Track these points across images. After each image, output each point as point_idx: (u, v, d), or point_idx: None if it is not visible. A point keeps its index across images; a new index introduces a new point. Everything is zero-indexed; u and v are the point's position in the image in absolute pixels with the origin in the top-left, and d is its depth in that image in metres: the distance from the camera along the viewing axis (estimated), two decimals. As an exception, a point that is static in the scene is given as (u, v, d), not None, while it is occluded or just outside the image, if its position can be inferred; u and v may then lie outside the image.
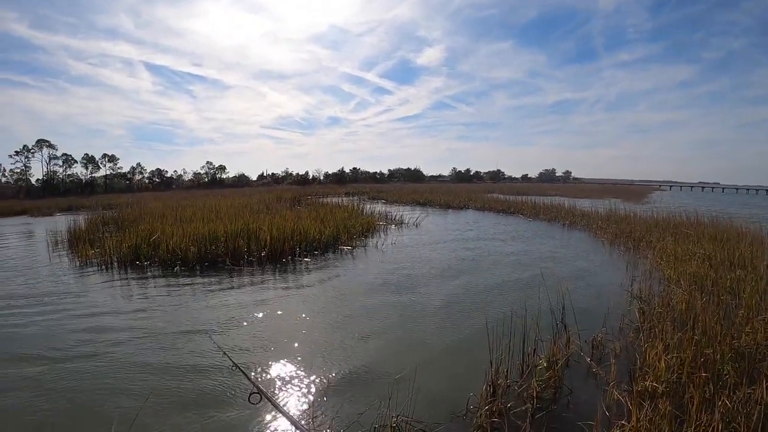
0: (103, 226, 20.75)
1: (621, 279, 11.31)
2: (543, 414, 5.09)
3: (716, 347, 5.71)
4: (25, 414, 5.39)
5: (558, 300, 7.82)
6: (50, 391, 5.91)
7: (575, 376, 6.10)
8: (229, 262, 14.02)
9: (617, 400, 5.02)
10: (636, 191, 72.98)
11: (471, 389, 5.50)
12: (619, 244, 17.16)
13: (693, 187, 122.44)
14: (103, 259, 14.53)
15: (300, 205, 30.26)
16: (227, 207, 24.67)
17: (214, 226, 16.31)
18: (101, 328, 8.39)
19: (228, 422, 5.11)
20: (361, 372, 6.40)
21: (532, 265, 13.77)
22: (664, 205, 31.15)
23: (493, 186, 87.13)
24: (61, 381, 6.21)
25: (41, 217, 36.16)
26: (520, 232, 22.38)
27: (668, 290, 9.10)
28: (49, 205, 45.72)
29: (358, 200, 35.81)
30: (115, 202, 40.65)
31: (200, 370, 6.46)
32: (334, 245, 17.17)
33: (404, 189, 63.25)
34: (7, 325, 8.67)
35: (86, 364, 6.74)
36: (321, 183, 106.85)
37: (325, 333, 8.04)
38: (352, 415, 5.11)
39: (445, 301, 10.00)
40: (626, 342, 6.97)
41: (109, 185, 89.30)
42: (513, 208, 33.11)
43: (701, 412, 4.39)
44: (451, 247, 17.42)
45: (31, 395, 5.84)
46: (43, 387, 6.03)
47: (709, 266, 10.63)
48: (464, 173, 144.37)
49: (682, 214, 21.48)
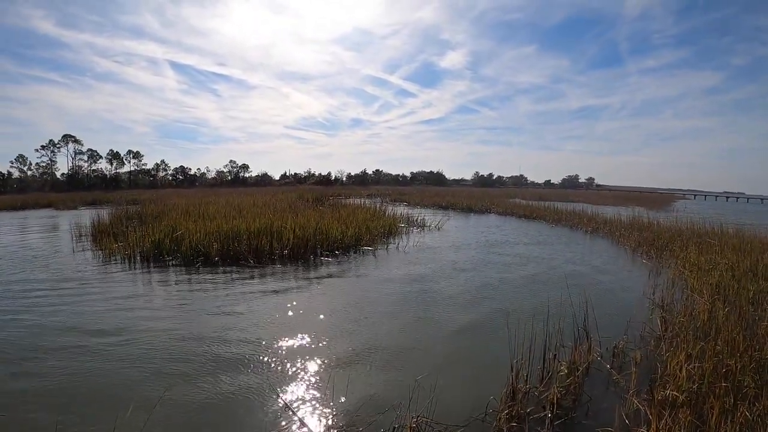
0: (127, 220, 21.07)
1: (643, 287, 11.23)
2: (562, 420, 5.10)
3: (737, 358, 5.69)
4: (45, 397, 5.59)
5: (580, 306, 7.80)
6: (71, 377, 6.12)
7: (595, 383, 6.11)
8: (252, 260, 14.17)
9: (637, 408, 5.04)
10: (659, 199, 71.95)
11: (490, 392, 5.54)
12: (641, 252, 17.01)
13: (717, 197, 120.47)
14: (126, 253, 14.84)
15: (322, 206, 30.43)
16: (250, 205, 24.94)
17: (237, 223, 16.52)
18: (122, 319, 8.61)
19: (245, 418, 5.21)
20: (381, 372, 6.48)
21: (554, 270, 13.77)
22: (687, 214, 30.64)
23: (515, 191, 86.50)
24: (81, 370, 6.41)
25: (66, 210, 37.00)
26: (542, 237, 22.28)
27: (690, 300, 9.02)
28: (73, 198, 46.86)
29: (380, 202, 35.84)
30: (138, 197, 41.45)
31: (221, 366, 6.59)
32: (356, 246, 17.23)
33: (426, 192, 63.11)
34: (29, 313, 8.94)
35: (107, 354, 6.95)
36: (343, 184, 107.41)
37: (346, 332, 8.12)
38: (371, 415, 5.19)
39: (466, 304, 10.04)
40: (647, 350, 6.94)
41: (133, 181, 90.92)
42: (535, 214, 32.97)
43: (721, 423, 4.40)
44: (473, 251, 17.43)
45: (51, 381, 6.05)
46: (62, 374, 6.22)
47: (732, 276, 10.52)
48: (487, 177, 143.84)
49: (706, 223, 21.22)
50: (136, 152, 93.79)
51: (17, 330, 8.01)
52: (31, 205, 40.94)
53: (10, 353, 6.97)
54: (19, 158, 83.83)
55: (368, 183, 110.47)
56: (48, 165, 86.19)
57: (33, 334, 7.82)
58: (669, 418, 4.45)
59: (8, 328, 8.09)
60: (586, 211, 31.07)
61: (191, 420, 5.15)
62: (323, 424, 5.06)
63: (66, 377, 6.20)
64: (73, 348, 7.21)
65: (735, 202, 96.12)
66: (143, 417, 4.92)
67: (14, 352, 7.03)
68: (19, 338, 7.60)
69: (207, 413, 5.29)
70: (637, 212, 30.29)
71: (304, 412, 5.26)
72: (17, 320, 8.55)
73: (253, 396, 5.71)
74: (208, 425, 5.05)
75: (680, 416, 4.52)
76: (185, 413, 5.27)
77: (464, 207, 40.28)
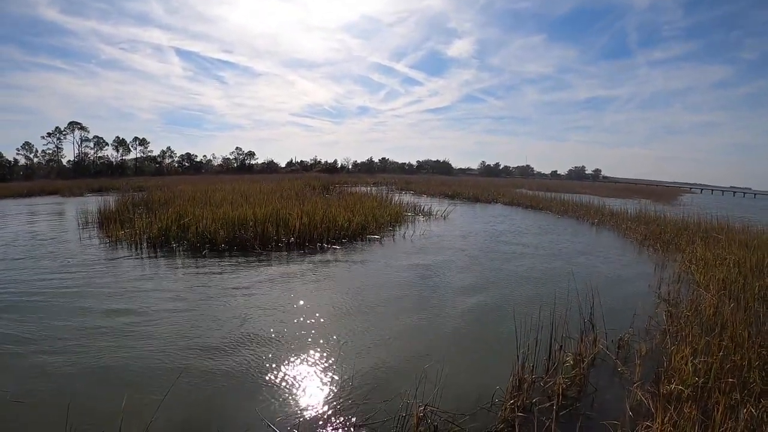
0: (133, 207, 21.13)
1: (649, 280, 11.25)
2: (567, 411, 5.14)
3: (743, 354, 5.71)
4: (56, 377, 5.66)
5: (586, 297, 7.83)
6: (80, 357, 6.20)
7: (601, 375, 6.15)
8: (258, 247, 14.23)
9: (642, 401, 5.07)
10: (666, 192, 71.65)
11: (496, 382, 5.58)
12: (648, 246, 16.98)
13: (724, 192, 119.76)
14: (132, 240, 14.94)
15: (329, 193, 30.41)
16: (256, 192, 24.99)
17: (244, 210, 16.57)
18: (130, 305, 8.69)
19: (251, 403, 5.27)
20: (387, 360, 6.52)
21: (560, 261, 13.78)
22: (694, 208, 30.51)
23: (522, 181, 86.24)
24: (92, 349, 6.50)
25: (72, 197, 37.22)
26: (548, 228, 22.26)
27: (697, 294, 9.02)
28: (79, 185, 47.04)
29: (386, 190, 35.82)
30: (144, 184, 41.50)
31: (227, 351, 6.66)
32: (362, 234, 17.26)
33: (433, 181, 62.97)
34: (40, 295, 9.07)
35: (115, 339, 7.02)
36: (349, 172, 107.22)
37: (352, 320, 8.17)
38: (378, 402, 5.25)
39: (473, 293, 10.07)
40: (653, 344, 6.95)
41: (139, 168, 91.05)
42: (542, 204, 32.89)
43: (726, 419, 4.42)
44: (479, 240, 17.46)
45: (60, 362, 6.15)
46: (71, 353, 6.31)
47: (738, 272, 10.51)
48: (493, 167, 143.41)
49: (712, 218, 21.15)
50: (142, 139, 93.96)
51: (29, 313, 8.12)
52: (38, 192, 41.11)
53: (22, 334, 7.08)
54: (25, 145, 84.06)
55: (375, 171, 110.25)
56: (54, 152, 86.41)
57: (43, 316, 7.93)
58: (674, 412, 4.48)
59: (20, 311, 8.21)
60: (592, 203, 31.01)
61: (199, 401, 5.22)
62: (331, 410, 5.12)
63: (75, 357, 6.32)
64: (83, 329, 7.34)
65: (742, 197, 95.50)
66: (156, 399, 4.98)
67: (26, 332, 7.14)
68: (31, 320, 7.71)
69: (214, 396, 5.37)
70: (643, 205, 30.18)
71: (311, 398, 5.33)
72: (29, 302, 8.72)
73: (259, 381, 5.78)
74: (216, 409, 5.11)
75: (685, 410, 4.54)
76: (194, 395, 5.35)
77: (470, 196, 40.18)
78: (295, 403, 5.27)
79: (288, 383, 5.71)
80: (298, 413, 5.07)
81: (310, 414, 5.05)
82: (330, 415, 5.01)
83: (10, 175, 76.02)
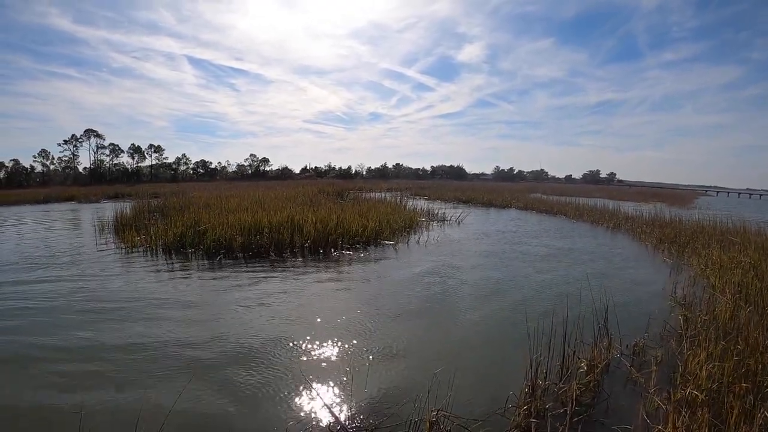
0: (149, 213, 21.44)
1: (664, 285, 11.18)
2: (581, 417, 5.12)
3: (759, 358, 5.68)
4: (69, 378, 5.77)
5: (600, 302, 7.78)
6: (93, 361, 6.33)
7: (615, 381, 6.13)
8: (273, 253, 14.36)
9: (657, 407, 5.06)
10: (681, 196, 70.83)
11: (509, 388, 5.60)
12: (663, 249, 16.83)
13: (740, 194, 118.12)
14: (148, 246, 15.19)
15: (343, 199, 30.52)
16: (271, 199, 25.16)
17: (259, 217, 16.75)
18: (145, 309, 8.87)
19: (267, 408, 5.34)
20: (401, 365, 6.57)
21: (575, 266, 13.73)
22: (711, 211, 30.23)
23: (536, 186, 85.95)
24: (103, 358, 6.61)
25: (88, 204, 37.78)
26: (563, 232, 22.16)
27: (712, 298, 8.95)
28: (95, 192, 47.91)
29: (400, 196, 35.88)
30: (160, 191, 41.97)
31: (244, 355, 6.76)
32: (377, 240, 17.30)
33: (446, 186, 62.95)
34: (53, 303, 9.24)
35: (130, 342, 7.17)
36: (363, 178, 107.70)
37: (366, 325, 8.21)
38: (390, 407, 5.30)
39: (485, 298, 10.11)
40: (668, 349, 6.92)
41: (154, 175, 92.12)
42: (556, 209, 32.68)
43: (740, 424, 4.41)
44: (493, 246, 17.40)
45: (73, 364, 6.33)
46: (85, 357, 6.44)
47: (754, 276, 10.41)
48: (507, 172, 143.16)
49: (728, 221, 20.93)
50: (157, 146, 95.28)
51: (43, 317, 8.36)
52: (54, 198, 41.82)
53: (37, 340, 7.25)
54: (42, 153, 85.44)
55: (388, 177, 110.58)
56: (70, 159, 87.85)
57: (57, 321, 8.14)
58: (687, 417, 4.47)
59: (35, 316, 8.44)
60: (607, 207, 30.81)
61: (213, 407, 5.30)
62: (345, 414, 5.18)
63: (89, 362, 6.48)
64: (97, 334, 7.51)
65: (758, 199, 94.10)
66: (167, 404, 5.05)
67: (41, 337, 7.32)
68: (45, 325, 7.92)
69: (230, 401, 5.45)
70: (659, 209, 29.95)
71: (325, 402, 5.37)
72: (43, 308, 8.89)
73: (275, 386, 5.85)
74: (230, 413, 5.20)
75: (699, 415, 4.54)
76: (208, 401, 5.44)
77: (484, 201, 40.14)
78: (307, 408, 5.33)
79: (301, 388, 5.77)
80: (311, 418, 5.13)
81: (322, 419, 5.11)
82: (342, 420, 5.05)
83: (27, 181, 77.50)
